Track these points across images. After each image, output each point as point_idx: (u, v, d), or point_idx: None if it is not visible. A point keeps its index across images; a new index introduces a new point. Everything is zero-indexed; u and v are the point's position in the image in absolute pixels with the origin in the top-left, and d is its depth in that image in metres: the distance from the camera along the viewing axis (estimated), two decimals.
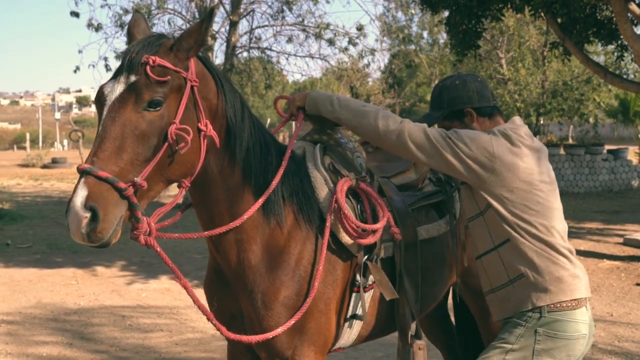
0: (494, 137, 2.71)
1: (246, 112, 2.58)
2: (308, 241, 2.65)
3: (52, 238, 11.32)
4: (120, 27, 15.62)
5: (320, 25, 16.08)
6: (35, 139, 49.31)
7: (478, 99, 2.86)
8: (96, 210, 2.06)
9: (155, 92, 2.22)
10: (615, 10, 8.37)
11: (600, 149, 17.78)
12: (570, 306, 2.65)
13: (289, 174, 2.67)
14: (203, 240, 9.78)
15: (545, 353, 2.62)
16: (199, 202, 2.56)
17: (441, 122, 2.90)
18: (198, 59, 2.47)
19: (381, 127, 2.69)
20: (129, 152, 2.17)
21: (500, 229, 2.69)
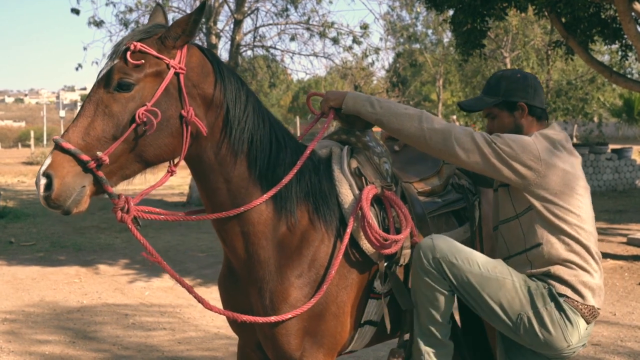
0: (537, 140, 2.75)
1: (251, 105, 2.60)
2: (323, 244, 2.64)
3: (56, 236, 11.35)
4: (124, 25, 15.64)
5: (325, 24, 16.08)
6: (40, 136, 49.41)
7: (533, 97, 2.89)
8: (51, 177, 2.25)
9: (125, 74, 2.36)
10: (619, 10, 8.34)
11: (605, 148, 17.73)
12: (585, 312, 2.70)
13: (306, 172, 2.67)
14: (206, 239, 9.83)
15: (540, 320, 2.66)
16: (201, 191, 2.62)
17: (491, 108, 2.93)
18: (200, 50, 2.56)
19: (426, 130, 2.68)
20: (97, 129, 2.32)
21: (536, 231, 2.72)
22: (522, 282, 2.70)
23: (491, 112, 2.94)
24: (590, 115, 21.55)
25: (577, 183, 2.77)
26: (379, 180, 2.77)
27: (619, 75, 9.71)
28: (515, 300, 2.68)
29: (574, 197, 2.73)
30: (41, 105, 73.70)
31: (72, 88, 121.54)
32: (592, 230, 2.77)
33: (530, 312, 2.67)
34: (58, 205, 2.28)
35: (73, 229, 12.12)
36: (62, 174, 2.26)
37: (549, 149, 2.73)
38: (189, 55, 2.49)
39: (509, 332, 2.75)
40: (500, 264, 2.74)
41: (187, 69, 2.46)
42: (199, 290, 7.52)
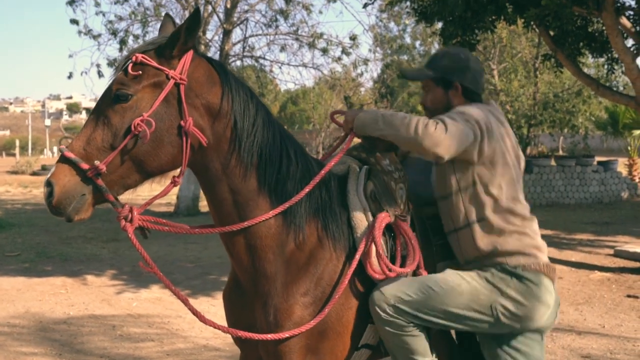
0: (484, 109, 2.81)
1: (261, 118, 2.59)
2: (331, 263, 2.63)
3: (41, 246, 11.25)
4: (114, 35, 15.57)
5: (314, 35, 16.10)
6: (25, 145, 49.10)
7: (470, 80, 2.94)
8: (53, 185, 2.33)
9: (123, 85, 2.40)
10: (607, 24, 8.41)
11: (591, 160, 17.86)
12: (546, 271, 2.75)
13: (316, 187, 2.66)
14: (194, 249, 9.73)
15: (511, 302, 2.70)
16: (208, 201, 2.63)
17: (427, 81, 2.98)
18: (209, 61, 2.58)
19: (412, 132, 2.61)
20: (97, 138, 2.38)
21: (478, 204, 2.76)
22: (477, 277, 2.73)
23: (427, 85, 2.99)
24: (577, 128, 21.70)
25: (515, 153, 2.85)
26: (393, 209, 2.74)
27: (605, 88, 9.78)
28: (480, 297, 2.70)
29: (513, 168, 2.81)
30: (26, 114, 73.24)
31: (57, 97, 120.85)
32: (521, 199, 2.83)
33: (499, 298, 2.70)
34: (60, 212, 2.35)
35: (59, 239, 12.02)
36: (62, 182, 2.34)
37: (494, 119, 2.80)
38: (193, 66, 2.50)
39: (496, 329, 2.75)
40: (450, 274, 2.75)
41: (190, 79, 2.47)
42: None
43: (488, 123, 2.75)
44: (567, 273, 9.07)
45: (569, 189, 17.43)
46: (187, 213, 15.43)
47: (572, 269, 9.31)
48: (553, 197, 17.13)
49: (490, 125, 2.75)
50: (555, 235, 12.16)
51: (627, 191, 18.11)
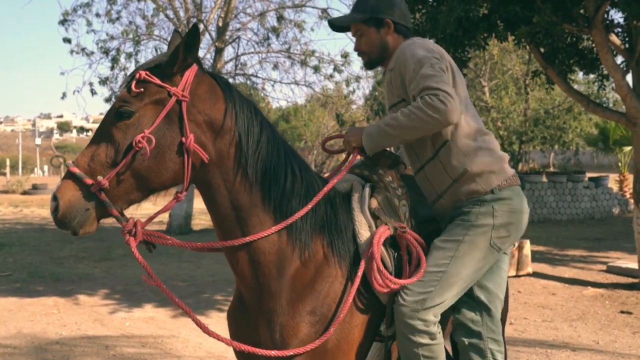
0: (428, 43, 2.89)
1: (265, 135, 2.60)
2: (337, 280, 2.62)
3: (33, 266, 11.15)
4: (105, 54, 15.59)
5: (306, 52, 16.17)
6: (15, 164, 48.85)
7: (399, 15, 2.99)
8: (58, 199, 2.39)
9: (125, 103, 2.45)
10: (597, 41, 8.49)
11: (582, 176, 17.96)
12: (515, 181, 2.86)
13: (321, 204, 2.66)
14: (187, 267, 9.69)
15: (502, 228, 2.79)
16: (212, 217, 2.63)
17: (359, 25, 2.99)
18: (213, 77, 2.60)
19: (425, 120, 2.63)
20: (101, 154, 2.43)
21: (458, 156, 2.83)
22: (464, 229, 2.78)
23: (359, 29, 3.00)
24: (568, 144, 21.83)
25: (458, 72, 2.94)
26: (393, 221, 2.73)
27: (596, 105, 9.86)
28: (479, 245, 2.76)
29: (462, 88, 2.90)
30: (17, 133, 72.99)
31: (48, 115, 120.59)
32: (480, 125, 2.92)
33: (492, 232, 2.78)
34: (65, 226, 2.41)
35: (51, 258, 11.93)
36: (67, 197, 2.39)
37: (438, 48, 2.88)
38: (196, 82, 2.52)
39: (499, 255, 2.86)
40: (443, 245, 2.78)
41: (192, 96, 2.49)
42: (181, 320, 7.43)
43: (443, 53, 2.86)
44: (561, 289, 9.07)
45: (561, 205, 17.49)
46: (180, 231, 15.37)
47: (565, 285, 9.32)
48: (545, 213, 17.18)
49: (444, 54, 2.86)
50: (547, 252, 12.19)
51: (619, 207, 18.20)
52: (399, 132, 2.70)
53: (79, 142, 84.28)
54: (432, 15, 8.09)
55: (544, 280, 9.64)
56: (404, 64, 2.80)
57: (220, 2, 16.27)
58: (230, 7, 16.01)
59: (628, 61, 8.96)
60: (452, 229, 2.81)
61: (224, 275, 9.86)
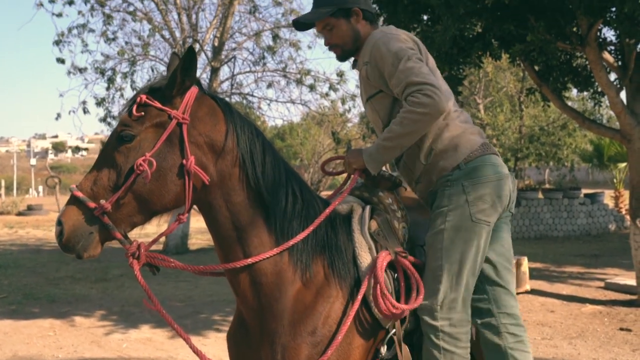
0: (399, 31, 2.89)
1: (268, 156, 2.62)
2: (338, 301, 2.61)
3: (28, 288, 11.07)
4: (101, 74, 15.63)
5: (302, 71, 16.24)
6: (10, 185, 48.69)
7: (364, 2, 2.98)
8: (62, 224, 2.41)
9: (127, 127, 2.48)
10: (590, 59, 8.56)
11: (578, 192, 17.99)
12: (484, 151, 2.83)
13: (322, 225, 2.67)
14: (184, 287, 9.62)
15: (478, 200, 2.75)
16: (213, 237, 2.64)
17: (327, 18, 2.95)
18: (213, 98, 2.63)
19: (419, 120, 2.66)
20: (104, 178, 2.45)
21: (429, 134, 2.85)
22: (442, 215, 2.77)
23: (328, 23, 2.97)
24: (563, 161, 21.90)
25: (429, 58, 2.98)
26: (394, 246, 2.74)
27: (591, 122, 9.91)
28: (463, 225, 2.75)
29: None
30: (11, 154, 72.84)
31: (43, 136, 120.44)
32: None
33: (471, 208, 2.75)
34: (70, 250, 2.43)
35: (46, 279, 11.85)
36: (71, 221, 2.42)
37: (409, 35, 2.90)
38: (196, 104, 2.54)
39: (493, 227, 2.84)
40: (432, 239, 2.79)
41: (193, 118, 2.51)
42: (178, 341, 7.37)
43: (413, 38, 2.89)
44: (559, 306, 9.05)
45: (557, 221, 17.50)
46: (176, 251, 15.32)
47: (563, 302, 9.30)
48: (541, 230, 17.19)
49: (414, 39, 2.89)
50: (545, 269, 12.17)
51: (615, 223, 18.21)
52: (397, 141, 2.71)
53: (74, 162, 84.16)
54: (427, 34, 8.15)
55: (542, 297, 9.61)
56: (381, 57, 2.80)
57: (216, 23, 16.37)
58: (226, 27, 16.10)
59: (621, 78, 9.03)
60: (434, 221, 2.81)
61: (222, 295, 9.81)
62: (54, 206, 29.45)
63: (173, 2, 16.16)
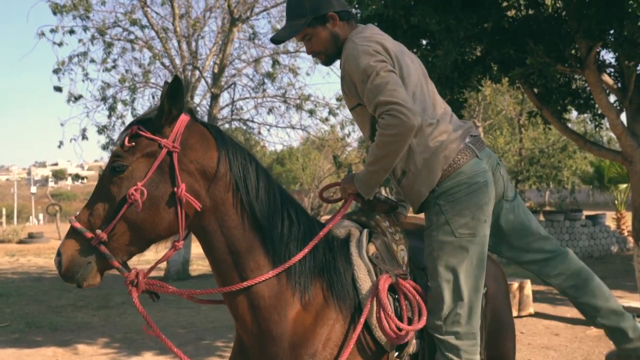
0: (374, 34, 2.86)
1: (261, 181, 2.64)
2: (338, 323, 2.62)
3: (31, 316, 11.02)
4: (103, 101, 15.71)
5: (301, 97, 16.33)
6: (10, 213, 48.64)
7: (337, 3, 2.93)
8: (61, 255, 2.48)
9: (119, 157, 2.53)
10: (590, 81, 8.61)
11: (579, 214, 17.94)
12: (453, 168, 2.80)
13: (320, 247, 2.68)
14: (186, 314, 9.57)
15: (456, 216, 2.76)
16: (209, 262, 2.66)
17: (305, 30, 2.91)
18: (204, 125, 2.66)
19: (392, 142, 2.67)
20: (100, 208, 2.51)
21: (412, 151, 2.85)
22: (429, 237, 2.81)
23: (307, 34, 2.94)
24: (563, 183, 21.90)
25: (419, 72, 2.95)
26: (394, 269, 2.75)
27: (592, 144, 9.93)
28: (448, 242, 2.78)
29: (423, 90, 2.89)
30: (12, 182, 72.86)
31: (43, 164, 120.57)
32: (436, 112, 2.89)
33: (450, 226, 2.77)
34: (69, 280, 2.50)
35: (49, 307, 11.80)
36: (69, 252, 2.48)
37: (392, 43, 2.87)
38: (187, 132, 2.57)
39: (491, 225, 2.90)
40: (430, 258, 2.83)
41: (183, 146, 2.54)
42: None
43: (385, 42, 2.83)
44: (563, 329, 9.00)
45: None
46: (177, 277, 15.27)
47: (567, 325, 9.25)
48: None
49: (385, 43, 2.82)
50: (548, 291, 12.11)
51: (617, 245, 18.16)
52: (380, 165, 2.73)
53: (73, 189, 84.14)
54: (427, 59, 8.21)
55: (546, 320, 9.57)
56: (353, 73, 2.80)
57: (216, 50, 16.50)
58: (226, 54, 16.21)
59: (621, 100, 9.07)
60: (425, 243, 2.86)
61: (224, 321, 9.76)
62: (54, 234, 29.40)
63: (173, 30, 16.30)
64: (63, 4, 15.05)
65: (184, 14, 16.31)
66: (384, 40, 2.86)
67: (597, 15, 7.53)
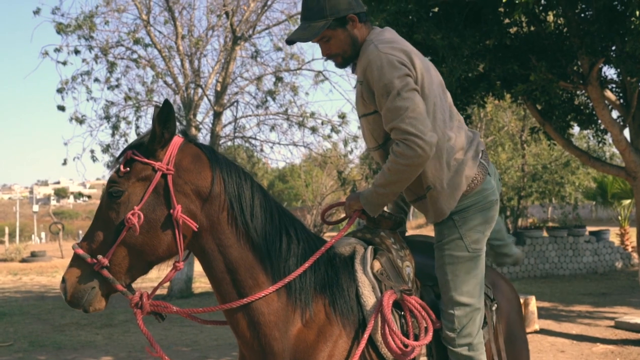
0: (402, 44, 2.80)
1: (257, 199, 2.66)
2: (341, 340, 2.62)
3: (34, 335, 10.98)
4: (106, 120, 15.76)
5: (303, 114, 16.37)
6: (13, 232, 48.61)
7: (357, 5, 2.87)
8: (66, 281, 2.53)
9: (115, 183, 2.57)
10: (593, 97, 8.64)
11: (583, 230, 17.89)
12: (471, 187, 2.85)
13: (321, 264, 2.69)
14: (190, 332, 9.55)
15: (470, 231, 2.83)
16: (210, 281, 2.69)
17: (325, 31, 2.83)
18: (198, 146, 2.68)
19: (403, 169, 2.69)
20: (100, 234, 2.55)
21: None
22: (442, 250, 2.87)
23: (325, 36, 2.86)
24: (567, 199, 21.85)
25: (440, 82, 2.94)
26: (398, 285, 2.76)
27: (596, 160, 9.94)
28: (460, 256, 2.84)
29: (444, 101, 2.91)
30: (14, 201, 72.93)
31: (45, 182, 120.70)
32: (453, 125, 2.89)
33: (464, 242, 2.84)
34: (75, 305, 2.54)
35: (52, 327, 11.76)
36: (73, 278, 2.54)
37: (418, 55, 2.82)
38: (181, 154, 2.61)
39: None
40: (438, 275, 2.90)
41: (177, 168, 2.58)
42: None
43: (410, 53, 2.78)
44: (569, 346, 8.95)
45: (563, 260, 17.40)
46: (181, 295, 15.23)
47: (573, 342, 9.20)
48: (547, 269, 17.08)
49: (411, 54, 2.78)
50: (553, 308, 12.07)
51: (621, 261, 18.09)
52: (389, 188, 2.75)
53: (75, 208, 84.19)
54: None
55: (551, 337, 9.52)
56: (373, 83, 2.75)
57: (218, 68, 16.56)
58: (228, 72, 16.28)
59: (624, 116, 9.10)
60: (436, 256, 2.90)
61: (228, 339, 9.72)
62: (57, 252, 29.38)
63: (176, 48, 16.38)
64: (67, 23, 15.16)
65: (187, 33, 16.40)
66: (408, 47, 2.81)
67: (599, 32, 7.58)
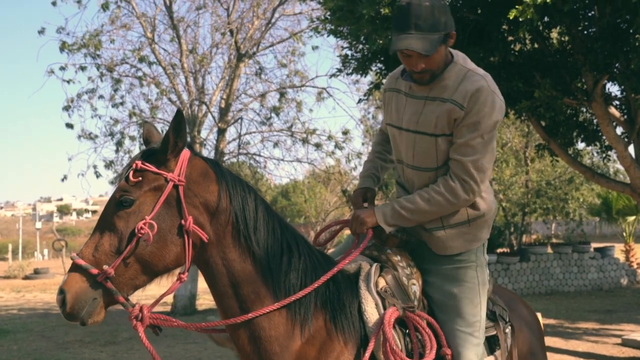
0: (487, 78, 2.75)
1: (261, 213, 2.67)
2: (342, 356, 2.61)
3: (38, 353, 10.94)
4: (111, 136, 15.81)
5: (307, 131, 16.40)
6: (16, 249, 48.57)
7: (453, 23, 2.76)
8: (65, 293, 2.44)
9: (125, 192, 2.53)
10: (597, 114, 8.65)
11: (587, 247, 17.80)
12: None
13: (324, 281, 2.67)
14: (194, 349, 9.53)
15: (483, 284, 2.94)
16: (212, 294, 2.69)
17: None
18: (204, 160, 2.69)
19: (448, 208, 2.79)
20: (105, 244, 2.49)
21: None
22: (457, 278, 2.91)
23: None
24: (572, 215, 21.78)
25: None
26: (401, 302, 2.74)
27: (600, 176, 9.94)
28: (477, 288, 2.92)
29: None
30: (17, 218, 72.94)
31: (48, 199, 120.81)
32: None
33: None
34: (73, 318, 2.46)
35: (56, 344, 11.71)
36: (74, 290, 2.45)
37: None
38: (190, 166, 2.61)
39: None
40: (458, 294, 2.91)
41: (188, 180, 2.58)
42: None
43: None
44: None
45: (567, 276, 17.30)
46: (184, 312, 15.17)
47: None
48: (552, 285, 16.99)
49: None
50: (559, 325, 12.00)
51: (627, 277, 17.98)
52: (417, 216, 2.77)
53: (78, 224, 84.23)
54: None
55: (558, 354, 9.45)
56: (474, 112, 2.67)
57: (223, 85, 16.62)
58: (232, 89, 16.33)
59: (629, 133, 9.10)
60: (452, 280, 2.92)
61: (232, 356, 9.65)
62: (60, 269, 29.31)
63: (180, 66, 16.44)
64: (73, 42, 15.25)
65: (191, 51, 16.47)
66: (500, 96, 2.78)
67: (603, 49, 7.61)
